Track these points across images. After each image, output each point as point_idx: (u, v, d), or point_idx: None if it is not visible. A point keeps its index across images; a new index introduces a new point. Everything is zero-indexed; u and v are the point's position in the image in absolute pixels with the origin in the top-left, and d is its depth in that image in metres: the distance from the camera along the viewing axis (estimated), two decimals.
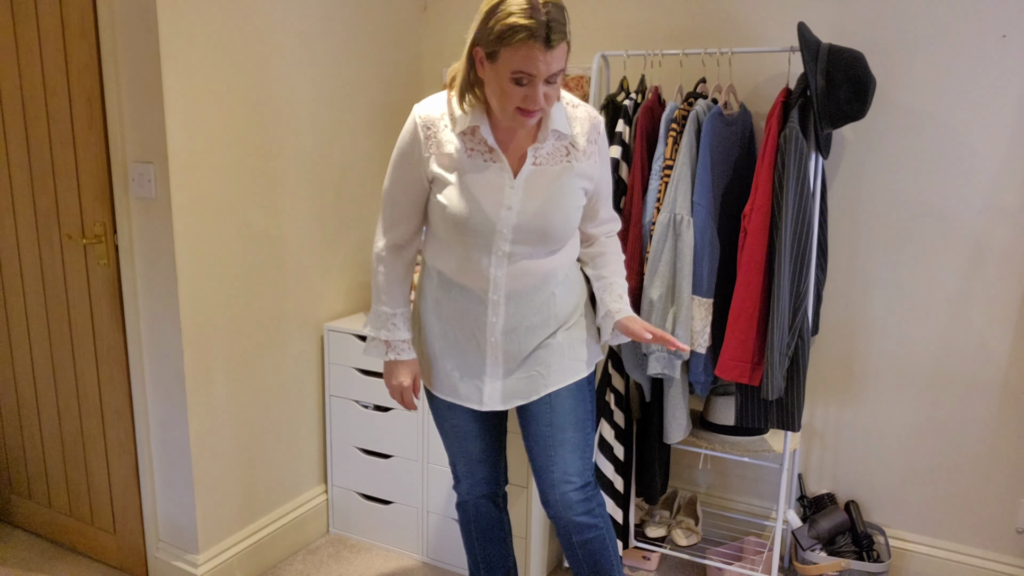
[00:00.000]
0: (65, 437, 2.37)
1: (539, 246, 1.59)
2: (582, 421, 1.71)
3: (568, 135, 1.57)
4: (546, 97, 1.45)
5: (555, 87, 1.46)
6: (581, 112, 1.61)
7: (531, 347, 1.66)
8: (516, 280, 1.61)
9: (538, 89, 1.42)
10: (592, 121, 1.62)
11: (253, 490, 2.32)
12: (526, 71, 1.40)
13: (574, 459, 1.70)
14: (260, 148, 2.19)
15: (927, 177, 2.15)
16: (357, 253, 2.63)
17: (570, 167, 1.58)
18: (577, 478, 1.70)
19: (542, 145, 1.56)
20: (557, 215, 1.57)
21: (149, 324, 2.08)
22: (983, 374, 2.16)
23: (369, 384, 2.41)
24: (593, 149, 1.62)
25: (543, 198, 1.56)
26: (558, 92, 1.52)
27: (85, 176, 2.09)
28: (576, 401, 1.71)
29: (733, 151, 2.09)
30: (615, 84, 2.37)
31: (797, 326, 1.95)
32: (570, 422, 1.70)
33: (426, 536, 2.42)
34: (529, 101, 1.43)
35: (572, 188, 1.59)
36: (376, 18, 2.58)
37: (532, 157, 1.56)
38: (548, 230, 1.57)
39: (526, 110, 1.45)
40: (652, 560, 2.38)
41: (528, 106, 1.44)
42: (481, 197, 1.54)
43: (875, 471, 2.34)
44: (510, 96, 1.44)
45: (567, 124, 1.57)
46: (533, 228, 1.56)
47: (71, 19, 1.99)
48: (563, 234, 1.60)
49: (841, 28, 2.17)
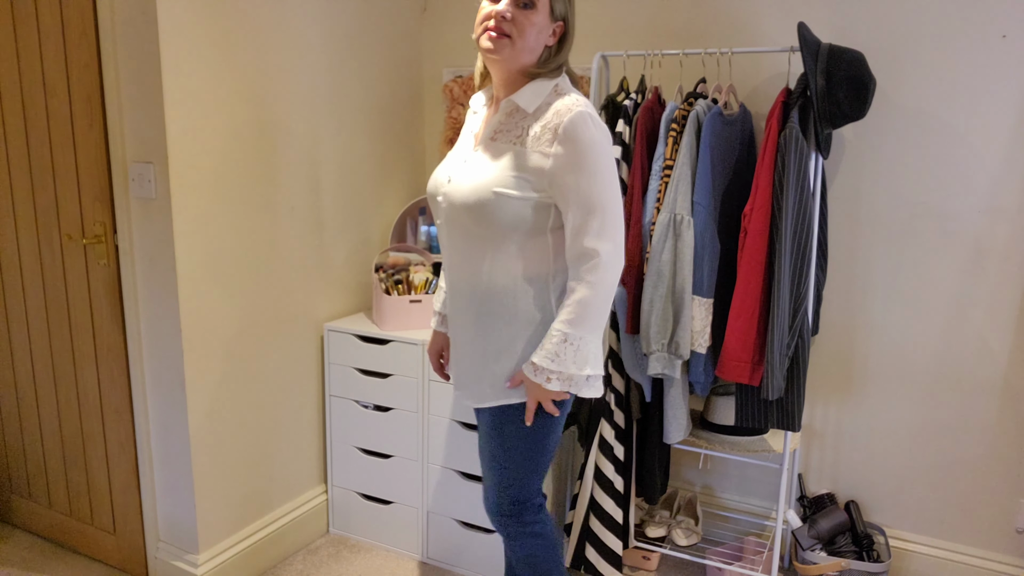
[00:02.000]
0: (65, 437, 2.37)
1: (460, 218, 1.56)
2: (496, 457, 1.67)
3: (528, 112, 1.54)
4: (514, 22, 1.48)
5: (527, 18, 1.48)
6: (559, 105, 1.50)
7: (461, 352, 1.68)
8: (455, 268, 1.64)
9: (503, 5, 1.48)
10: (560, 120, 1.48)
11: (253, 490, 2.32)
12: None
13: (489, 486, 1.72)
14: (260, 148, 2.19)
15: (927, 177, 2.15)
16: (357, 253, 2.63)
17: (512, 150, 1.53)
18: (492, 504, 1.72)
19: (500, 120, 1.57)
20: (471, 186, 1.53)
21: (149, 324, 2.08)
22: (983, 374, 2.16)
23: (369, 384, 2.41)
24: (548, 149, 1.49)
25: (475, 169, 1.55)
26: (528, 28, 1.49)
27: (85, 176, 2.09)
28: (492, 433, 1.66)
29: (733, 151, 2.09)
30: (615, 84, 2.37)
31: (797, 326, 1.95)
32: (485, 451, 1.70)
33: (426, 536, 2.42)
34: (492, 16, 1.49)
35: (502, 169, 1.51)
36: (376, 18, 2.58)
37: (491, 130, 1.58)
38: (461, 199, 1.54)
39: (489, 28, 1.50)
40: (652, 560, 2.38)
41: (489, 22, 1.50)
42: (444, 163, 1.67)
43: (875, 471, 2.34)
44: (481, 17, 1.52)
45: (531, 102, 1.53)
46: (453, 195, 1.57)
47: (71, 19, 1.99)
48: (475, 210, 1.51)
49: (841, 28, 2.17)
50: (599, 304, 1.51)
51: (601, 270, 1.49)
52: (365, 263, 2.67)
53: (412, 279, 2.47)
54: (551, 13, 1.53)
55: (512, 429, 1.63)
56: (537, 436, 1.63)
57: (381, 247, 2.73)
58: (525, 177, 1.50)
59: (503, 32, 1.49)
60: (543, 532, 1.74)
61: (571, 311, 1.49)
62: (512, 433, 1.63)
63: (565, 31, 1.57)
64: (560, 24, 1.55)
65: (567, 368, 1.50)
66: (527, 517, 1.71)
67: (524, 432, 1.62)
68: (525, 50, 1.51)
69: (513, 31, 1.49)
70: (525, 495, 1.69)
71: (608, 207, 1.49)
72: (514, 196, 1.50)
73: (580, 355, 1.51)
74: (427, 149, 2.91)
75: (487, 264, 1.56)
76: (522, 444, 1.64)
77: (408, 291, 2.45)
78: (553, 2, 1.52)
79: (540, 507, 1.74)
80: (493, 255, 1.56)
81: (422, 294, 2.43)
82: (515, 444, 1.64)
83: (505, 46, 1.50)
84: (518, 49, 1.50)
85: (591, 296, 1.49)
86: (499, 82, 1.60)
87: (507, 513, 1.70)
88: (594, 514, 2.22)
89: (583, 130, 1.47)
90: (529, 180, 1.50)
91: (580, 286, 1.50)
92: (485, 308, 1.59)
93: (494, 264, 1.56)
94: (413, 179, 2.87)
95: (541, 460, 1.67)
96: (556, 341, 1.50)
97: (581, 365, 1.51)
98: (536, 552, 1.74)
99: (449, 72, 2.79)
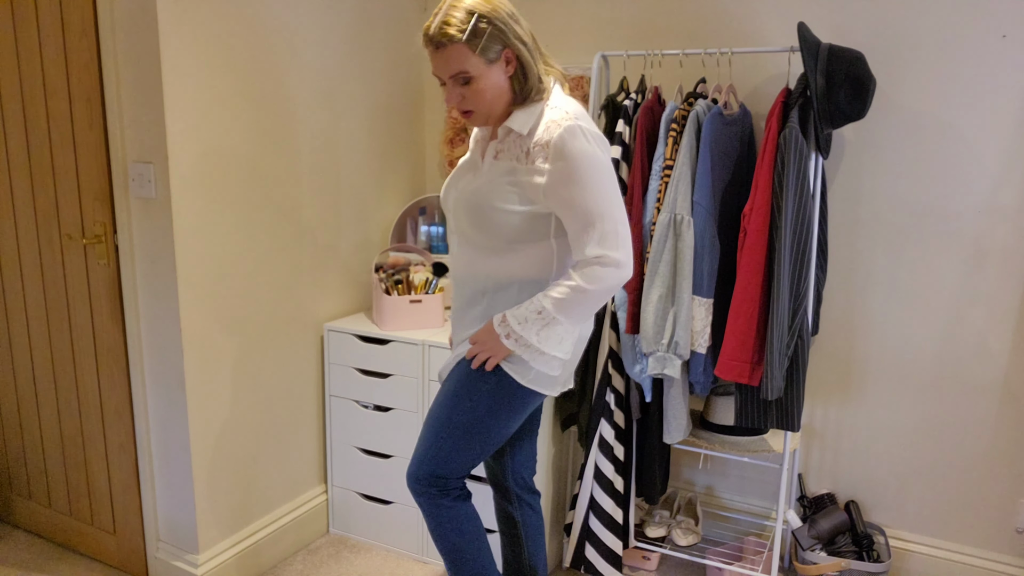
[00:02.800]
0: (65, 437, 2.37)
1: (464, 228, 1.65)
2: (438, 419, 1.68)
3: (522, 134, 1.57)
4: (463, 97, 1.57)
5: (474, 89, 1.54)
6: (549, 120, 1.53)
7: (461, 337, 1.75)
8: (459, 264, 1.71)
9: (450, 90, 1.56)
10: (550, 136, 1.51)
11: (253, 490, 2.32)
12: (434, 73, 1.58)
13: (417, 451, 1.71)
14: (260, 148, 2.19)
15: (927, 177, 2.15)
16: (357, 253, 2.63)
17: (512, 167, 1.58)
18: (412, 469, 1.70)
19: (500, 143, 1.62)
20: (475, 200, 1.61)
21: (149, 324, 2.08)
22: (983, 374, 2.16)
23: (369, 384, 2.41)
24: (543, 165, 1.52)
25: (479, 184, 1.62)
26: (481, 94, 1.55)
27: (85, 176, 2.09)
28: (444, 399, 1.69)
29: (733, 151, 2.09)
30: (615, 84, 2.37)
31: (797, 326, 1.95)
32: (430, 417, 1.71)
33: (426, 536, 2.42)
34: (447, 100, 1.58)
35: (502, 185, 1.58)
36: (376, 18, 2.58)
37: (493, 151, 1.63)
38: (464, 211, 1.63)
39: (457, 109, 1.59)
40: (652, 560, 2.38)
41: (447, 105, 1.60)
42: (455, 173, 1.74)
43: (875, 471, 2.34)
44: (445, 99, 1.60)
45: (524, 124, 1.57)
46: (458, 206, 1.65)
47: (71, 19, 1.99)
48: (477, 222, 1.61)
49: (841, 28, 2.17)
50: (590, 299, 1.55)
51: (606, 270, 1.52)
52: (365, 263, 2.67)
53: (412, 279, 2.47)
54: (488, 63, 1.52)
55: (465, 402, 1.65)
56: (483, 416, 1.65)
57: (381, 247, 2.73)
58: (524, 193, 1.56)
59: (466, 109, 1.59)
60: (457, 518, 1.71)
61: (561, 292, 1.54)
62: (463, 406, 1.65)
63: (516, 52, 1.55)
64: (505, 52, 1.54)
65: (528, 335, 1.56)
66: (444, 501, 1.69)
67: (472, 407, 1.64)
68: (493, 105, 1.59)
69: (471, 105, 1.57)
70: (446, 472, 1.68)
71: (607, 215, 1.51)
72: (515, 210, 1.57)
73: (545, 332, 1.57)
74: (427, 149, 2.91)
75: (490, 267, 1.65)
76: (466, 417, 1.65)
77: (408, 291, 2.45)
78: (482, 52, 1.50)
79: (459, 494, 1.71)
80: (496, 260, 1.63)
81: (422, 294, 2.43)
82: (460, 416, 1.65)
83: (477, 117, 1.60)
84: (487, 110, 1.58)
85: (586, 288, 1.53)
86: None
87: (424, 482, 1.68)
88: (594, 514, 2.22)
89: (572, 143, 1.49)
90: (528, 195, 1.56)
91: (581, 277, 1.53)
92: (487, 306, 1.67)
93: (497, 268, 1.64)
94: (413, 179, 2.87)
95: (477, 442, 1.66)
96: (532, 309, 1.57)
97: (542, 341, 1.57)
98: (447, 535, 1.71)
99: None
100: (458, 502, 1.71)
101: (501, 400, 1.64)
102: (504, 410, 1.65)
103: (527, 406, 1.68)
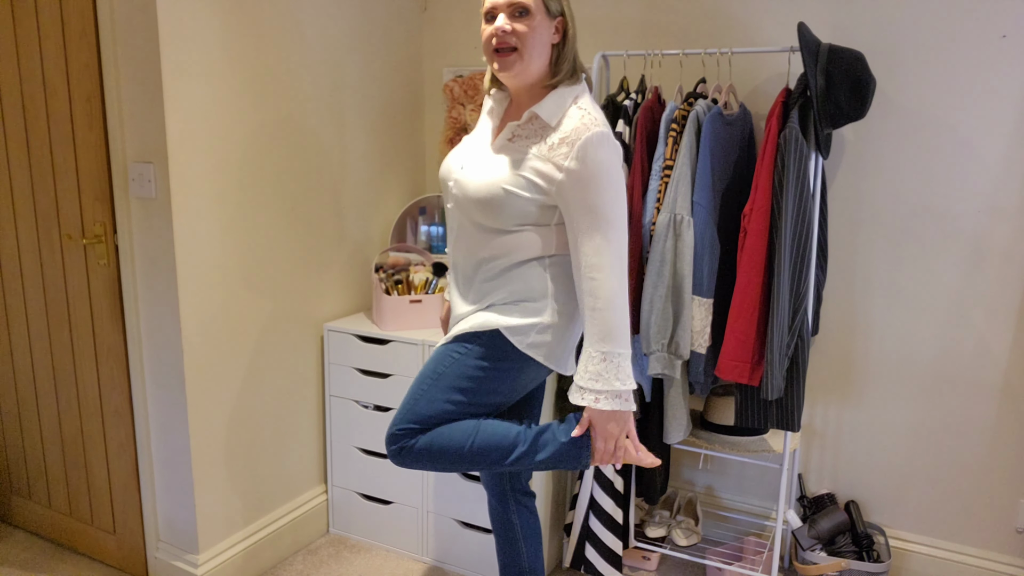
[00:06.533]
0: (65, 437, 2.37)
1: (468, 207, 1.61)
2: (421, 375, 1.65)
3: (549, 125, 1.56)
4: (515, 33, 1.53)
5: (527, 25, 1.53)
6: (579, 122, 1.53)
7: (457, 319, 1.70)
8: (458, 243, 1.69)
9: (499, 22, 1.54)
10: (579, 137, 1.51)
11: (253, 490, 2.32)
12: (487, 5, 1.57)
13: (397, 411, 1.63)
14: (260, 148, 2.19)
15: (927, 177, 2.15)
16: (357, 253, 2.63)
17: (528, 154, 1.56)
18: (391, 425, 1.62)
19: (520, 126, 1.60)
20: (484, 181, 1.57)
21: (149, 324, 2.08)
22: (983, 375, 2.16)
23: (369, 384, 2.41)
24: (563, 162, 1.52)
25: (489, 166, 1.60)
26: (530, 35, 1.54)
27: (85, 176, 2.09)
28: (435, 355, 1.65)
29: (733, 151, 2.09)
30: (615, 84, 2.37)
31: (797, 326, 1.95)
32: (416, 378, 1.66)
33: (426, 536, 2.42)
34: (494, 34, 1.55)
35: (516, 170, 1.56)
36: (376, 18, 2.58)
37: (509, 132, 1.61)
38: (472, 191, 1.59)
39: (495, 48, 1.56)
40: (652, 560, 2.38)
41: (495, 41, 1.55)
42: (459, 148, 1.72)
43: (875, 471, 2.34)
44: (485, 38, 1.57)
45: (553, 115, 1.56)
46: (464, 185, 1.61)
47: (71, 19, 1.99)
48: (484, 203, 1.57)
49: (841, 28, 2.17)
50: (615, 315, 1.53)
51: (601, 285, 1.52)
52: (365, 263, 2.67)
53: (412, 279, 2.47)
54: (547, 12, 1.56)
55: (451, 356, 1.61)
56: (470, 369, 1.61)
57: (381, 247, 2.73)
58: (536, 181, 1.56)
59: (509, 46, 1.55)
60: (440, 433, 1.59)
61: (596, 329, 1.52)
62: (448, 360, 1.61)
63: (566, 25, 1.60)
64: (560, 20, 1.59)
65: (611, 384, 1.52)
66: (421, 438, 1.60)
67: (460, 359, 1.61)
68: (534, 56, 1.56)
69: (517, 42, 1.55)
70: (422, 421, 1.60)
71: (613, 222, 1.53)
72: (523, 196, 1.56)
73: (623, 370, 1.53)
74: (427, 149, 2.91)
75: (489, 247, 1.64)
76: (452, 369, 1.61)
77: (408, 291, 2.45)
78: (547, 2, 1.56)
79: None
80: (495, 240, 1.63)
81: (422, 294, 2.43)
82: (444, 367, 1.61)
83: (514, 61, 1.56)
84: (527, 59, 1.56)
85: (602, 309, 1.52)
86: (518, 93, 1.66)
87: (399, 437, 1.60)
88: (594, 514, 2.22)
89: (598, 150, 1.52)
90: (540, 185, 1.56)
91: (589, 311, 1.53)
92: (483, 283, 1.67)
93: (495, 247, 1.63)
94: (413, 179, 2.87)
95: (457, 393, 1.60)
96: (596, 361, 1.52)
97: (624, 379, 1.53)
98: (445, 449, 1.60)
99: (449, 72, 2.79)
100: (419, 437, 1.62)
101: (490, 357, 1.61)
102: (492, 370, 1.61)
103: (518, 374, 1.63)
